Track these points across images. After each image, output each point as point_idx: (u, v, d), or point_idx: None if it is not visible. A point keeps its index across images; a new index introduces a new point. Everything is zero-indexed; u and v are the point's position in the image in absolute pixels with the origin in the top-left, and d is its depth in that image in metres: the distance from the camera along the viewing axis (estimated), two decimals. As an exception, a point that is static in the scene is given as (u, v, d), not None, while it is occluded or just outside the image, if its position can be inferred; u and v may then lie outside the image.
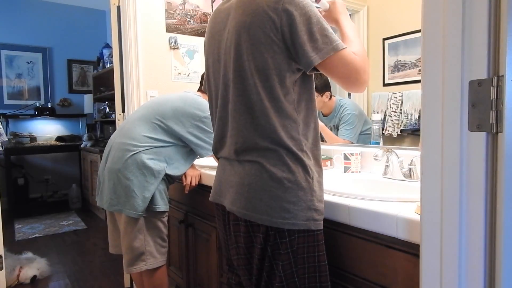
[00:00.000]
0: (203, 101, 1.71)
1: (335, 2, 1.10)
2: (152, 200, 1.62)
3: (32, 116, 4.74)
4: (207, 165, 1.92)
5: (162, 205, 1.65)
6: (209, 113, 1.66)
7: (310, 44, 0.90)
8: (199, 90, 1.87)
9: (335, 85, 1.82)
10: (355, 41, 1.01)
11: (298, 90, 0.98)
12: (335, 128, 1.83)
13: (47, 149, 4.66)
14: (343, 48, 0.92)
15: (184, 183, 1.78)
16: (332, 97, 1.84)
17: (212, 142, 1.65)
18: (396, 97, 1.59)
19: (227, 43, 1.02)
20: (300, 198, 0.93)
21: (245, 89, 0.97)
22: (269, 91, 0.95)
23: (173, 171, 1.68)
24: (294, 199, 0.93)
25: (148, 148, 1.61)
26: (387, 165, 1.46)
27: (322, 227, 0.99)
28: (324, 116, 1.89)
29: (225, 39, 1.04)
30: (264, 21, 0.92)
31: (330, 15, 1.10)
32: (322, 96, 1.81)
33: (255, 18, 0.93)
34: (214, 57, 1.09)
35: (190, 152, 1.73)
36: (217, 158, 1.17)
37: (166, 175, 1.65)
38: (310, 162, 0.98)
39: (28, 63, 4.82)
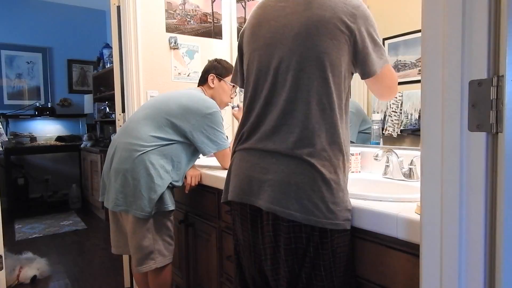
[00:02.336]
0: (207, 98, 1.73)
1: None
2: (162, 200, 1.63)
3: (32, 116, 4.74)
4: (207, 165, 1.92)
5: (170, 204, 1.67)
6: (215, 110, 1.68)
7: (375, 53, 0.99)
8: (200, 85, 1.87)
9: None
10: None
11: (347, 92, 1.04)
12: None
13: (47, 149, 4.66)
14: (387, 62, 1.03)
15: (185, 183, 1.78)
16: None
17: (217, 140, 1.67)
18: (396, 97, 1.58)
19: (292, 30, 0.99)
20: (341, 199, 0.97)
21: (318, 80, 0.96)
22: (337, 87, 0.98)
23: (177, 176, 1.69)
24: (337, 200, 0.95)
25: (155, 147, 1.62)
26: (387, 165, 1.46)
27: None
28: None
29: (286, 27, 1.01)
30: (342, 19, 0.96)
31: None
32: None
33: (335, 15, 0.96)
34: (265, 41, 1.04)
35: (194, 151, 1.74)
36: (235, 151, 1.11)
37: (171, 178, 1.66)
38: (346, 164, 1.01)
39: (28, 63, 4.82)
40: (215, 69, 1.83)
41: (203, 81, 1.85)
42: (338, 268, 0.98)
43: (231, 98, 1.88)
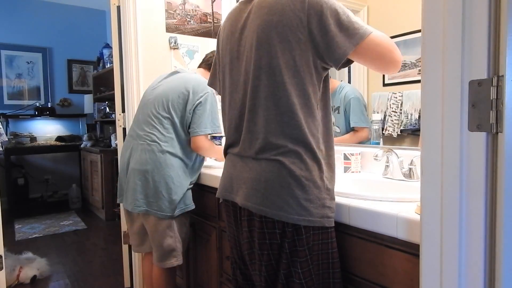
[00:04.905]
0: (192, 77, 1.72)
1: None
2: (184, 200, 1.68)
3: (32, 116, 4.74)
4: (206, 165, 1.92)
5: (190, 204, 1.72)
6: (203, 88, 1.67)
7: (341, 34, 0.92)
8: (200, 67, 1.87)
9: (334, 71, 1.84)
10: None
11: (321, 89, 1.01)
12: (336, 111, 1.83)
13: (47, 149, 4.66)
14: (372, 31, 0.93)
15: None
16: (330, 78, 1.88)
17: (209, 120, 1.67)
18: (396, 97, 1.59)
19: (249, 41, 1.03)
20: (316, 196, 0.96)
21: (272, 86, 0.98)
22: (296, 88, 0.96)
23: (195, 175, 1.75)
24: (310, 196, 0.95)
25: (170, 145, 1.65)
26: (387, 165, 1.46)
27: (334, 224, 1.01)
28: None
29: (246, 38, 1.05)
30: (291, 19, 0.94)
31: None
32: None
33: (283, 17, 0.95)
34: (232, 55, 1.10)
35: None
36: (226, 154, 1.17)
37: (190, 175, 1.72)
38: (325, 161, 1.00)
39: (28, 63, 4.82)
40: None
41: (207, 66, 1.84)
42: (316, 266, 0.98)
43: None
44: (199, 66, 1.89)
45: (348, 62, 0.99)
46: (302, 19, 0.93)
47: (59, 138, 4.90)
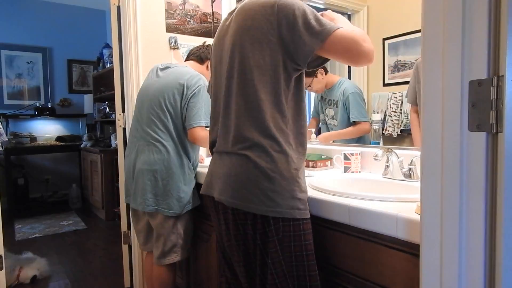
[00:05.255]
0: (184, 70, 1.74)
1: (324, 14, 1.15)
2: (191, 197, 1.74)
3: (32, 116, 4.74)
4: (206, 165, 1.91)
5: (196, 201, 1.78)
6: (196, 82, 1.70)
7: (308, 32, 0.98)
8: (192, 60, 1.87)
9: (334, 67, 1.84)
10: (352, 27, 1.06)
11: (291, 89, 1.06)
12: (335, 105, 1.83)
13: (47, 149, 4.66)
14: (339, 28, 0.98)
15: None
16: (328, 72, 1.91)
17: (203, 112, 1.69)
18: (396, 97, 1.59)
19: (228, 46, 1.10)
20: (284, 188, 0.99)
21: (244, 84, 1.05)
22: (264, 85, 1.02)
23: (194, 170, 1.79)
24: (278, 188, 0.99)
25: (174, 144, 1.69)
26: (387, 165, 1.46)
27: (309, 216, 1.04)
28: (326, 89, 1.94)
29: (227, 43, 1.12)
30: (262, 23, 1.01)
31: None
32: (316, 76, 1.85)
33: (255, 22, 1.03)
34: (217, 59, 1.19)
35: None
36: (212, 154, 1.22)
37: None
38: (294, 155, 1.04)
39: (28, 63, 4.82)
40: None
41: (200, 60, 1.86)
42: (288, 257, 1.00)
43: None
44: (188, 59, 1.90)
45: (320, 62, 1.05)
46: (272, 22, 1.00)
47: (59, 138, 4.90)
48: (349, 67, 1.87)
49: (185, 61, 1.91)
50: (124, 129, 2.34)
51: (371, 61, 1.01)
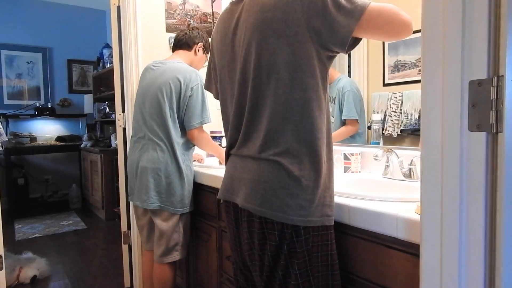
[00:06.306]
0: (179, 67, 1.74)
1: None
2: (192, 197, 1.78)
3: (32, 116, 4.74)
4: (207, 165, 1.92)
5: (192, 203, 1.81)
6: (194, 80, 1.70)
7: (341, 13, 0.88)
8: (183, 49, 1.86)
9: (334, 63, 1.84)
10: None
11: (323, 83, 0.97)
12: (332, 101, 1.83)
13: (47, 149, 4.66)
14: (370, 3, 0.89)
15: None
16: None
17: (200, 112, 1.70)
18: (396, 97, 1.58)
19: (244, 41, 1.01)
20: (316, 196, 0.95)
21: (273, 84, 0.96)
22: (298, 82, 0.94)
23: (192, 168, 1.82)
24: (310, 196, 0.94)
25: (176, 142, 1.71)
26: (387, 165, 1.46)
27: (333, 223, 1.00)
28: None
29: (240, 38, 1.03)
30: (285, 14, 0.92)
31: None
32: None
33: (276, 12, 0.93)
34: (228, 56, 1.09)
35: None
36: (228, 155, 1.16)
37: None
38: (327, 160, 0.99)
39: (28, 63, 4.82)
40: (205, 40, 1.90)
41: (187, 47, 1.86)
42: (315, 267, 0.97)
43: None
44: (176, 49, 1.88)
45: (355, 43, 0.94)
46: (297, 9, 0.90)
47: (59, 138, 4.90)
48: (348, 66, 1.86)
49: (174, 51, 1.90)
50: (124, 129, 2.34)
51: (411, 32, 0.92)
